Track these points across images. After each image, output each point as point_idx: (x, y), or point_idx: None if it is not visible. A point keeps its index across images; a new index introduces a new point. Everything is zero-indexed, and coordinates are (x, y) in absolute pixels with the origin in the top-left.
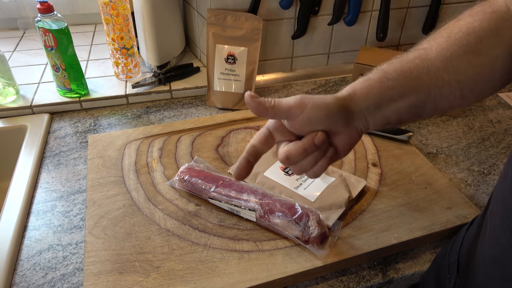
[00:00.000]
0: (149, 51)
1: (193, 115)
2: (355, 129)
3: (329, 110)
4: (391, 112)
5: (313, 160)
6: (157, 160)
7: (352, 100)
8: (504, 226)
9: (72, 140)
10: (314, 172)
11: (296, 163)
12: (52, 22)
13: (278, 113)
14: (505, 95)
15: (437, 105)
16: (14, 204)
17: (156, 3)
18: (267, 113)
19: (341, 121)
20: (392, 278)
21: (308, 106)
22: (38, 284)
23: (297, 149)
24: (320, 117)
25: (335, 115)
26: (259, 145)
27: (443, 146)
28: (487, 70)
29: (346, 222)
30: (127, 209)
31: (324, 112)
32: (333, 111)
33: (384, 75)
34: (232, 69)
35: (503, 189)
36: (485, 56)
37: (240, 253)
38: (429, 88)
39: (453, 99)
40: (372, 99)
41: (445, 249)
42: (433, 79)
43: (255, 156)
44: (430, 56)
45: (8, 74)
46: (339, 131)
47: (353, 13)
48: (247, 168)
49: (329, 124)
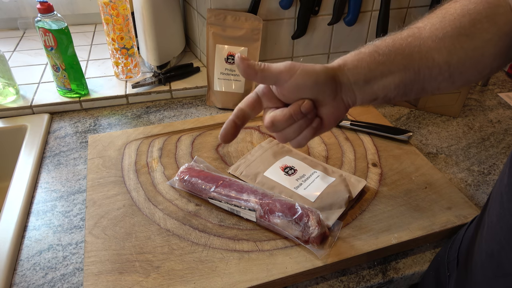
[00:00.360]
0: (149, 51)
1: (193, 115)
2: (342, 101)
3: (317, 78)
4: (379, 87)
5: (298, 129)
6: (157, 160)
7: (341, 71)
8: (501, 223)
9: (72, 140)
10: (298, 141)
11: (280, 131)
12: (52, 22)
13: (267, 77)
14: (505, 95)
15: (425, 86)
16: (14, 204)
17: (156, 3)
18: (256, 76)
19: (329, 91)
20: (392, 278)
21: (297, 72)
22: (38, 284)
23: (283, 115)
24: (308, 84)
25: (323, 84)
26: (247, 109)
27: (443, 146)
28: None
29: (346, 222)
30: (127, 209)
31: (313, 79)
32: (322, 79)
33: (375, 50)
34: (232, 69)
35: (500, 186)
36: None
37: (240, 253)
38: (419, 67)
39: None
40: (361, 72)
41: (445, 248)
42: (423, 59)
43: (242, 119)
44: (423, 35)
45: (8, 74)
46: (326, 102)
47: (353, 13)
48: (233, 130)
49: (317, 92)
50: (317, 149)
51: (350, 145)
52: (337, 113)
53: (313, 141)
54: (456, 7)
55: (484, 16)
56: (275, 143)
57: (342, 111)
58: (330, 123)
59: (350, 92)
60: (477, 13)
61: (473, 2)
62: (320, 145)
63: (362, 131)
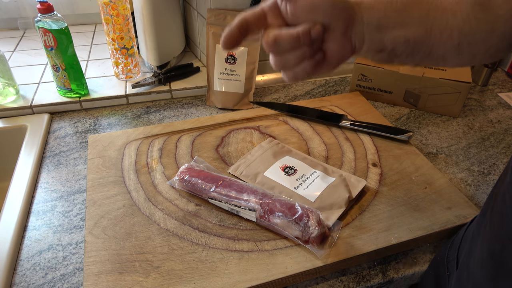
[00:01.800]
0: (149, 51)
1: (193, 115)
2: (350, 40)
3: (336, 1)
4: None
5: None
6: (157, 160)
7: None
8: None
9: (72, 140)
10: (294, 73)
11: (281, 53)
12: (52, 22)
13: None
14: (505, 95)
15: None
16: (14, 204)
17: (156, 3)
18: None
19: (342, 20)
20: (392, 278)
21: None
22: (38, 284)
23: (290, 34)
24: (326, 4)
25: (340, 9)
26: (250, 19)
27: (443, 146)
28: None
29: (346, 222)
30: (127, 209)
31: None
32: (340, 4)
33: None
34: (232, 69)
35: (503, 185)
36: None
37: (240, 253)
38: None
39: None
40: (375, 15)
41: (445, 248)
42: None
43: (246, 27)
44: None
45: (8, 74)
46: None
47: None
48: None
49: (331, 17)
50: (317, 149)
51: (350, 145)
52: (342, 52)
53: (313, 141)
54: None
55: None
56: (275, 143)
57: (347, 51)
58: (333, 61)
59: (359, 33)
60: None
61: None
62: (320, 145)
63: (362, 131)
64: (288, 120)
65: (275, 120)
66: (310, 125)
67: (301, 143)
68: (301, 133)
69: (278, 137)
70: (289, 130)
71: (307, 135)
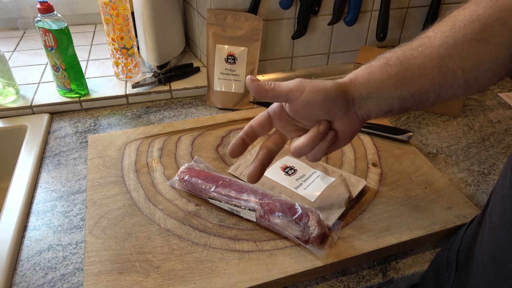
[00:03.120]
0: (149, 51)
1: (193, 115)
2: (356, 115)
3: (327, 94)
4: (394, 99)
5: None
6: (157, 160)
7: (353, 85)
8: (504, 225)
9: (72, 140)
10: (313, 155)
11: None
12: (52, 22)
13: (278, 95)
14: (505, 95)
15: (441, 93)
16: (14, 204)
17: (156, 3)
18: (267, 95)
19: (340, 106)
20: (392, 278)
21: (307, 89)
22: (38, 284)
23: (305, 142)
24: (319, 100)
25: (333, 100)
26: (256, 127)
27: (443, 146)
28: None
29: (346, 222)
30: (127, 209)
31: (322, 96)
32: (332, 95)
33: (386, 62)
34: (232, 69)
35: (502, 188)
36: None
37: (240, 253)
38: (433, 75)
39: (458, 87)
40: (373, 85)
41: (444, 248)
42: (437, 67)
43: (251, 137)
44: (434, 44)
45: (8, 74)
46: (338, 116)
47: (353, 13)
48: (241, 147)
49: (328, 108)
50: None
51: (350, 145)
52: (352, 127)
53: None
54: (466, 14)
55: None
56: None
57: (356, 125)
58: (346, 137)
59: (363, 106)
60: (487, 18)
61: (482, 7)
62: None
63: (362, 131)
64: None
65: None
66: None
67: None
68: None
69: None
70: None
71: None
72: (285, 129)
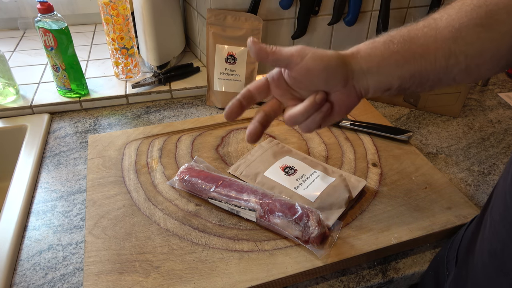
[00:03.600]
0: (149, 51)
1: (193, 115)
2: (354, 89)
3: (328, 62)
4: (394, 77)
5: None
6: (157, 160)
7: (354, 58)
8: (504, 222)
9: (72, 140)
10: (306, 125)
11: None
12: (52, 22)
13: (279, 59)
14: (505, 95)
15: (441, 77)
16: (14, 204)
17: (156, 3)
18: (268, 58)
19: (340, 77)
20: (392, 278)
21: (308, 55)
22: (38, 284)
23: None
24: (319, 68)
25: (334, 69)
26: (254, 91)
27: (443, 146)
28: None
29: (346, 222)
30: (127, 209)
31: (323, 63)
32: (333, 64)
33: (390, 39)
34: (232, 69)
35: (504, 185)
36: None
37: (240, 253)
38: (436, 57)
39: (458, 72)
40: (375, 59)
41: (444, 248)
42: (440, 49)
43: (248, 100)
44: (440, 26)
45: (8, 74)
46: (336, 88)
47: (353, 13)
48: (238, 109)
49: (327, 76)
50: (317, 149)
51: (350, 145)
52: (348, 101)
53: (313, 141)
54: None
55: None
56: (275, 143)
57: (353, 99)
58: (341, 110)
59: (362, 80)
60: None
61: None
62: (320, 145)
63: (362, 131)
64: None
65: (275, 120)
66: None
67: (301, 143)
68: (301, 133)
69: (278, 137)
70: (289, 130)
71: (307, 135)
72: (282, 97)
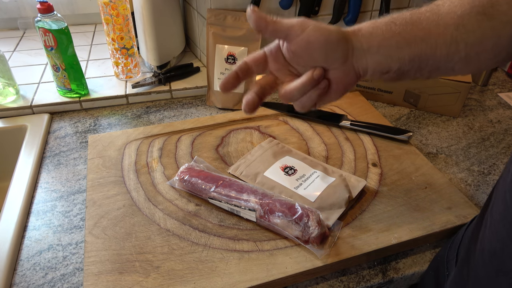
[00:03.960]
0: (149, 51)
1: (193, 115)
2: (353, 68)
3: (329, 36)
4: (393, 59)
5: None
6: (157, 160)
7: (355, 35)
8: (504, 221)
9: (72, 140)
10: (302, 102)
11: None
12: (52, 22)
13: (278, 30)
14: (505, 95)
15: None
16: (14, 204)
17: (156, 3)
18: (267, 28)
19: (340, 52)
20: (392, 278)
21: (309, 27)
22: (38, 284)
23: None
24: (320, 41)
25: (334, 43)
26: (251, 63)
27: (443, 146)
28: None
29: (346, 222)
30: (127, 209)
31: (324, 37)
32: (333, 38)
33: (392, 21)
34: (232, 69)
35: (504, 184)
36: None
37: (240, 253)
38: (436, 42)
39: (458, 61)
40: (376, 39)
41: (444, 248)
42: (441, 34)
43: (245, 72)
44: (442, 11)
45: (8, 74)
46: (335, 65)
47: (353, 13)
48: (234, 81)
49: (327, 51)
50: (317, 149)
51: (350, 145)
52: (346, 80)
53: (313, 141)
54: None
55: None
56: (275, 143)
57: (352, 78)
58: (338, 89)
59: (362, 59)
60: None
61: None
62: (320, 145)
63: (362, 131)
64: (288, 120)
65: (275, 120)
66: (310, 125)
67: (301, 143)
68: (301, 133)
69: (278, 137)
70: (289, 130)
71: (307, 135)
72: (279, 72)
